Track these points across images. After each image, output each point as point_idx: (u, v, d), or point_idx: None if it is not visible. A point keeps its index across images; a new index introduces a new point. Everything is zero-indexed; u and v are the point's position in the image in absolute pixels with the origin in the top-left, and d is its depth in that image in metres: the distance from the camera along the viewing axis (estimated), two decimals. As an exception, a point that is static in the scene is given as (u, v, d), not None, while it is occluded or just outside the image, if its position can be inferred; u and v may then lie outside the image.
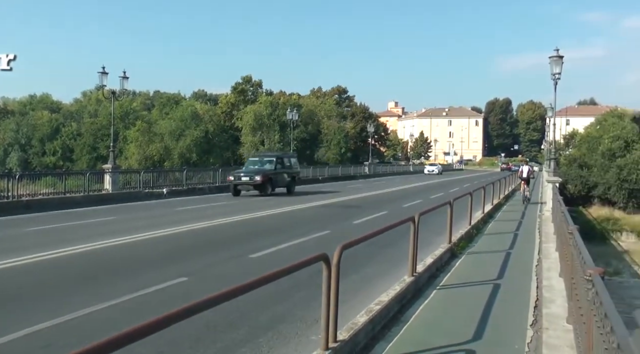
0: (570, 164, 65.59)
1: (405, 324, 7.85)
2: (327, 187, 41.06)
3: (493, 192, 26.61)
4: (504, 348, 7.03)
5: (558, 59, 26.38)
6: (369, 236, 7.91)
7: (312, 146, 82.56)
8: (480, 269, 11.88)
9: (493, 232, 18.21)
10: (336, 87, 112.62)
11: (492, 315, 8.40)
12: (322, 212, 22.86)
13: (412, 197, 30.70)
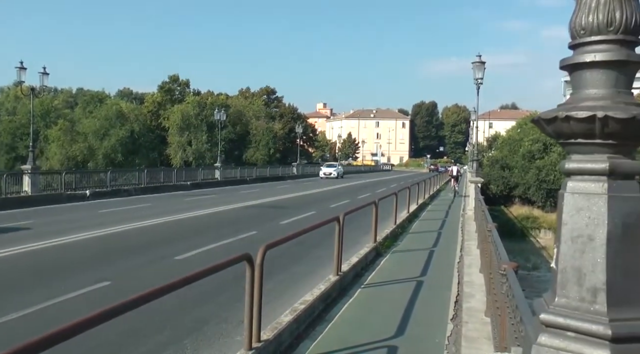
0: (492, 165, 67.80)
1: (330, 322, 7.91)
2: (255, 188, 40.83)
3: (418, 193, 27.18)
4: (425, 342, 7.20)
5: (480, 65, 27.19)
6: (292, 236, 7.93)
7: (241, 147, 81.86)
8: (405, 267, 12.11)
9: (418, 231, 18.60)
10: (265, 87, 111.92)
11: (414, 311, 8.58)
12: (249, 213, 22.71)
13: (340, 198, 30.96)
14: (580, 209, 2.18)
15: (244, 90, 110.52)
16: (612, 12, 2.16)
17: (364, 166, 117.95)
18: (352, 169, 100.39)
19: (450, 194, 36.33)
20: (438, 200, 33.05)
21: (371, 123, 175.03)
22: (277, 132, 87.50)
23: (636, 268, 2.15)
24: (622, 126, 2.06)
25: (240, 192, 34.74)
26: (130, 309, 3.86)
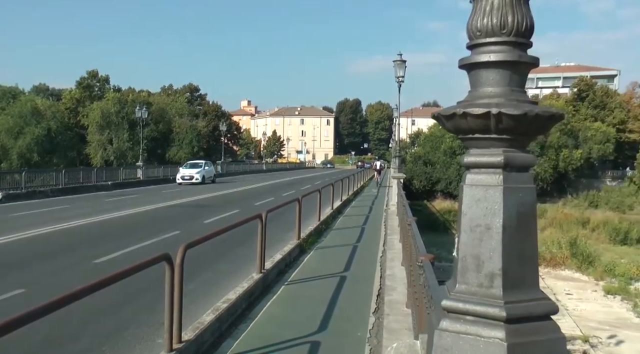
0: (415, 161, 69.69)
1: (253, 320, 7.93)
2: (177, 187, 40.17)
3: (342, 189, 27.50)
4: (347, 336, 7.34)
5: (401, 63, 27.77)
6: (213, 235, 7.89)
7: (164, 145, 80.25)
8: (328, 263, 12.26)
9: (342, 227, 18.85)
10: (188, 84, 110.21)
11: (337, 306, 8.72)
12: (172, 213, 22.34)
13: (265, 196, 30.93)
14: (478, 200, 2.32)
15: (166, 87, 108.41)
16: (505, 16, 2.31)
17: (289, 164, 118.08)
18: (277, 166, 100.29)
19: (374, 190, 37.09)
20: (362, 196, 33.56)
21: (296, 121, 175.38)
22: (201, 130, 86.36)
23: (529, 254, 2.31)
24: (514, 121, 2.21)
25: (163, 192, 34.10)
26: (43, 315, 3.75)
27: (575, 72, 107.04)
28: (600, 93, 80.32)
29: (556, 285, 31.83)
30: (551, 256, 37.28)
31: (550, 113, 2.28)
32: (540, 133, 2.44)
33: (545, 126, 2.36)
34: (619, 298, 29.61)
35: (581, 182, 70.08)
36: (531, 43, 2.39)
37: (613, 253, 40.32)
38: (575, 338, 22.00)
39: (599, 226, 51.00)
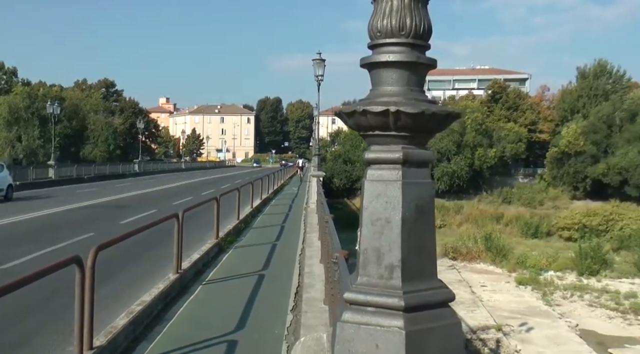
0: (335, 159, 70.47)
1: (169, 322, 7.82)
2: (94, 186, 38.84)
3: (262, 188, 27.46)
4: (265, 334, 7.36)
5: (321, 62, 28.00)
6: (127, 235, 7.71)
7: (78, 143, 77.27)
8: (247, 262, 12.24)
9: (261, 225, 18.84)
10: (103, 79, 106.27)
11: (255, 305, 8.73)
12: (87, 214, 21.60)
13: (184, 195, 30.44)
14: (378, 195, 2.40)
15: (80, 82, 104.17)
16: (403, 18, 2.40)
17: (209, 162, 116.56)
18: (197, 165, 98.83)
19: (294, 188, 37.34)
20: (282, 194, 33.63)
21: (216, 119, 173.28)
22: (117, 128, 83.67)
23: (427, 246, 2.43)
24: (412, 119, 2.31)
25: (77, 192, 32.86)
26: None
27: (489, 75, 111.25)
28: (513, 95, 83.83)
29: (472, 278, 33.08)
30: (467, 250, 38.71)
31: (447, 112, 2.40)
32: (438, 131, 2.55)
33: (443, 124, 2.47)
34: (530, 288, 31.14)
35: (495, 180, 72.90)
36: (429, 45, 2.49)
37: (525, 246, 42.27)
38: (489, 327, 22.98)
39: (512, 221, 53.28)
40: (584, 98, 75.13)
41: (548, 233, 50.98)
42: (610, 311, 27.16)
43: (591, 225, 48.63)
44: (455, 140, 67.78)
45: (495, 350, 20.98)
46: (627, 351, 21.89)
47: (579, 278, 33.35)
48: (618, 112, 67.66)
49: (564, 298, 29.47)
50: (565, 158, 67.12)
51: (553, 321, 25.04)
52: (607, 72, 78.34)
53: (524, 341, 21.96)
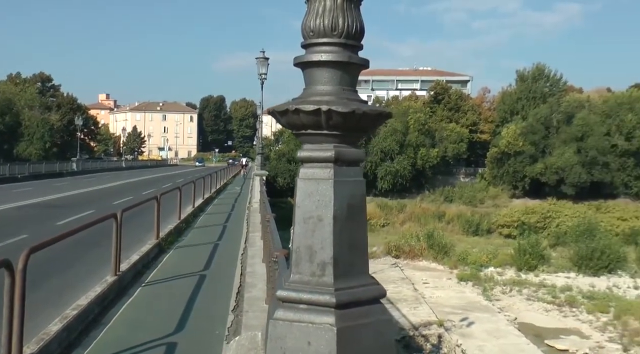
0: (279, 158, 70.36)
1: (106, 326, 7.62)
2: (29, 186, 37.56)
3: (204, 187, 27.16)
4: (205, 335, 7.30)
5: (264, 60, 27.89)
6: (63, 236, 7.46)
7: (11, 140, 74.45)
8: (188, 262, 12.09)
9: (203, 225, 18.65)
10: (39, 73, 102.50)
11: (196, 306, 8.64)
12: (21, 214, 20.88)
13: (124, 194, 29.80)
14: (310, 193, 2.42)
15: (13, 75, 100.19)
16: (336, 18, 2.43)
17: (150, 161, 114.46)
18: (138, 164, 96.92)
19: (237, 188, 37.18)
20: (225, 194, 33.36)
21: (158, 116, 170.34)
22: (54, 124, 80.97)
23: (359, 243, 2.46)
24: (343, 119, 2.33)
25: (10, 192, 31.66)
26: None
27: (432, 76, 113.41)
28: (455, 96, 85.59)
29: (414, 275, 33.65)
30: (410, 248, 39.34)
31: (378, 112, 2.43)
32: (370, 130, 2.59)
33: (374, 124, 2.51)
34: (471, 284, 31.94)
35: (438, 179, 74.25)
36: (362, 45, 2.52)
37: (466, 244, 43.25)
38: (431, 323, 23.44)
39: (454, 219, 54.39)
40: (523, 100, 77.41)
41: (488, 231, 52.32)
42: (547, 304, 28.14)
43: (529, 222, 50.16)
44: (398, 140, 68.71)
45: (437, 345, 21.40)
46: (563, 341, 22.74)
47: (517, 273, 34.41)
48: (555, 114, 70.05)
49: (504, 293, 30.35)
50: (505, 158, 68.98)
51: (493, 315, 25.74)
52: (545, 76, 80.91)
53: (465, 335, 22.49)
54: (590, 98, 76.48)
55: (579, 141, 65.34)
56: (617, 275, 34.51)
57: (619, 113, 66.58)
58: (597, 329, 24.59)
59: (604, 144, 63.96)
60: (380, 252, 39.57)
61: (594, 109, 69.86)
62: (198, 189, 23.74)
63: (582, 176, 63.53)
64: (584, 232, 41.41)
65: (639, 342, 22.43)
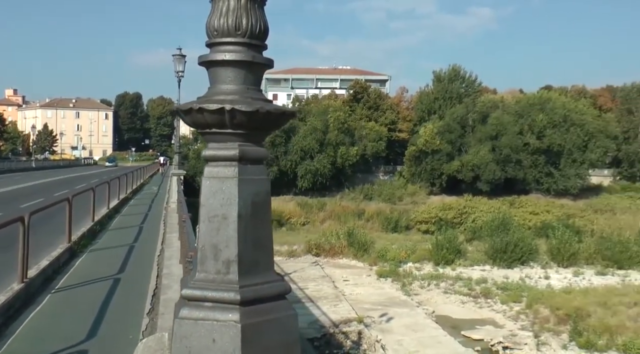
0: (198, 157, 69.27)
1: (10, 337, 7.21)
2: None
3: (120, 187, 26.38)
4: (118, 340, 7.11)
5: (181, 58, 27.42)
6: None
7: None
8: (102, 266, 11.73)
9: (119, 227, 18.15)
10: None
11: (109, 310, 8.40)
12: None
13: (34, 196, 28.45)
14: (215, 191, 2.43)
15: None
16: (239, 18, 2.45)
17: (63, 161, 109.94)
18: (50, 164, 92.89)
19: (155, 188, 36.44)
20: (142, 194, 32.57)
21: (71, 113, 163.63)
22: (-44, 124, 76.55)
23: (264, 240, 2.50)
24: (247, 117, 2.36)
25: None
26: None
27: (351, 75, 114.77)
28: (374, 96, 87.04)
29: (335, 273, 34.00)
30: (330, 246, 39.71)
31: (282, 111, 2.47)
32: (274, 129, 2.63)
33: (278, 122, 2.55)
34: (390, 280, 32.61)
35: (357, 177, 75.25)
36: (266, 45, 2.55)
37: (385, 240, 44.05)
38: (351, 320, 23.76)
39: (373, 216, 55.22)
40: (440, 100, 79.71)
41: (407, 227, 53.51)
42: (464, 296, 29.16)
43: (446, 218, 51.71)
44: (318, 138, 69.16)
45: (357, 342, 21.72)
46: (478, 331, 23.64)
47: (435, 267, 35.44)
48: (471, 114, 72.58)
49: (422, 287, 31.17)
50: (423, 156, 70.77)
51: (411, 309, 26.40)
52: (461, 77, 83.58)
53: (385, 330, 22.94)
54: (503, 99, 79.90)
55: (494, 140, 67.96)
56: (529, 266, 36.22)
57: (530, 113, 69.77)
58: (510, 318, 25.68)
59: (517, 143, 66.77)
60: (301, 251, 39.76)
61: (508, 109, 72.94)
62: (113, 190, 23.04)
63: (496, 173, 66.09)
64: (499, 227, 43.10)
65: (548, 328, 23.59)
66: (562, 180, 68.02)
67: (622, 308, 24.79)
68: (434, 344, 21.61)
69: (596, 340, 21.66)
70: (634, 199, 65.93)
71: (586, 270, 35.42)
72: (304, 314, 24.18)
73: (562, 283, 31.87)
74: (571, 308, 24.38)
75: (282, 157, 67.34)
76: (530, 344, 22.14)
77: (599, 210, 58.29)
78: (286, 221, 52.48)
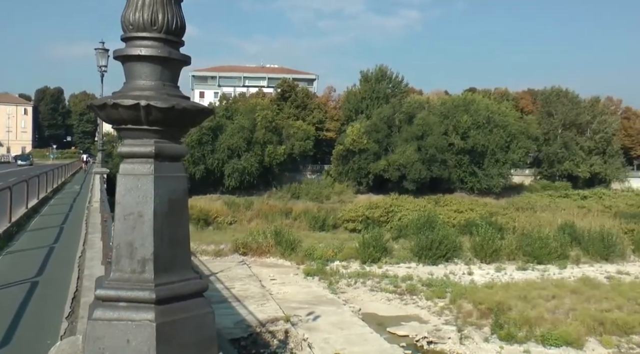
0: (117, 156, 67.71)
1: None
2: None
3: (39, 186, 25.36)
4: (35, 346, 6.86)
5: (104, 52, 26.57)
6: None
7: None
8: (19, 269, 11.25)
9: (38, 227, 17.46)
10: None
11: (26, 316, 8.06)
12: None
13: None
14: (131, 189, 2.39)
15: None
16: (155, 13, 2.41)
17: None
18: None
19: (77, 187, 35.29)
20: (63, 193, 31.43)
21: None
22: None
23: (181, 238, 2.47)
24: (163, 114, 2.33)
25: None
26: None
27: (279, 73, 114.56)
28: (302, 94, 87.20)
29: (262, 272, 33.92)
30: (258, 246, 39.59)
31: (199, 108, 2.46)
32: (192, 125, 2.61)
33: (196, 119, 2.53)
34: (317, 278, 32.81)
35: (285, 176, 75.23)
36: (183, 42, 2.53)
37: (313, 239, 44.23)
38: (278, 319, 23.76)
39: (301, 215, 55.34)
40: (367, 100, 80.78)
41: (334, 226, 53.91)
42: (390, 293, 29.68)
43: (373, 217, 52.44)
44: (245, 137, 68.72)
45: (284, 341, 21.75)
46: (403, 328, 24.14)
47: (362, 266, 35.91)
48: (397, 114, 73.93)
49: (349, 286, 31.52)
50: (350, 155, 71.53)
51: (338, 307, 26.65)
52: (388, 77, 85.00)
53: (311, 329, 23.07)
54: (429, 100, 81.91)
55: (419, 140, 69.46)
56: (453, 263, 37.30)
57: (455, 114, 71.82)
58: (435, 314, 26.36)
59: (442, 143, 68.52)
60: (228, 251, 39.47)
61: (433, 110, 74.80)
62: (33, 189, 22.13)
63: (422, 172, 67.58)
64: (424, 225, 44.11)
65: (471, 322, 24.36)
66: (485, 179, 70.39)
67: (540, 301, 25.92)
68: (361, 341, 21.91)
69: (516, 332, 22.55)
70: (553, 197, 69.18)
71: (508, 266, 36.83)
72: (231, 314, 24.01)
73: (484, 278, 32.98)
74: (493, 302, 25.26)
75: (209, 156, 66.51)
76: (454, 338, 22.79)
77: (520, 208, 60.68)
78: (213, 220, 51.91)
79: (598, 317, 23.97)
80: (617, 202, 66.76)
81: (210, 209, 53.52)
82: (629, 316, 24.32)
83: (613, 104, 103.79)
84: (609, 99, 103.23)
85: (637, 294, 27.70)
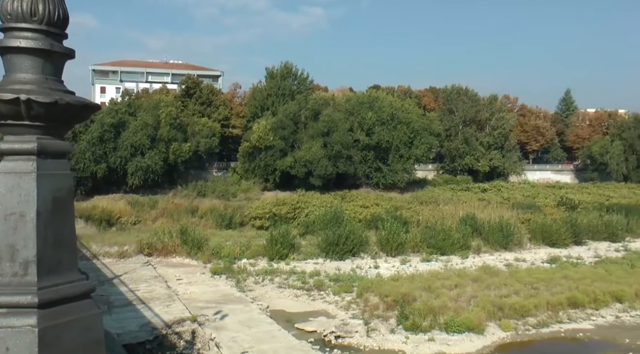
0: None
1: None
2: None
3: None
4: None
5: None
6: None
7: None
8: None
9: None
10: None
11: None
12: None
13: None
14: (12, 188, 2.27)
15: None
16: (35, 3, 2.30)
17: None
18: None
19: None
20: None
21: None
22: None
23: (67, 238, 2.37)
24: (46, 109, 2.23)
25: None
26: None
27: (183, 70, 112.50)
28: (207, 91, 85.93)
29: (168, 272, 33.18)
30: (163, 245, 38.71)
31: (84, 103, 2.37)
32: (77, 121, 2.51)
33: (81, 115, 2.45)
34: (225, 277, 32.47)
35: (190, 174, 73.99)
36: (66, 34, 2.43)
37: (220, 237, 43.65)
38: (184, 320, 23.32)
39: (207, 213, 54.52)
40: (273, 96, 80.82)
41: (241, 223, 53.46)
42: (297, 290, 29.81)
43: (280, 213, 52.44)
44: (149, 134, 67.00)
45: (191, 341, 21.37)
46: (311, 323, 24.32)
47: (270, 263, 35.85)
48: (303, 110, 74.43)
49: (256, 283, 31.39)
50: (257, 152, 71.33)
51: (246, 305, 26.48)
52: (293, 74, 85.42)
53: (219, 328, 22.80)
54: (334, 96, 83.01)
55: (325, 136, 70.27)
56: (360, 257, 37.93)
57: (360, 111, 73.20)
58: (342, 308, 26.69)
59: (347, 139, 69.65)
60: (132, 251, 38.33)
61: (338, 106, 75.88)
62: None
63: (328, 168, 68.42)
64: (331, 221, 44.58)
65: (378, 315, 24.84)
66: (390, 174, 72.25)
67: (444, 291, 26.84)
68: (269, 338, 21.88)
69: (421, 322, 23.26)
70: (455, 190, 72.09)
71: (413, 258, 37.92)
72: (135, 317, 23.33)
73: (390, 271, 33.76)
74: (399, 294, 25.88)
75: (111, 154, 64.33)
76: (361, 332, 23.19)
77: (424, 202, 62.61)
78: (116, 221, 50.28)
79: (497, 302, 25.12)
80: (514, 194, 70.51)
81: (113, 209, 51.83)
82: (525, 299, 25.67)
83: (510, 102, 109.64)
84: (506, 97, 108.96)
85: (532, 279, 29.27)
